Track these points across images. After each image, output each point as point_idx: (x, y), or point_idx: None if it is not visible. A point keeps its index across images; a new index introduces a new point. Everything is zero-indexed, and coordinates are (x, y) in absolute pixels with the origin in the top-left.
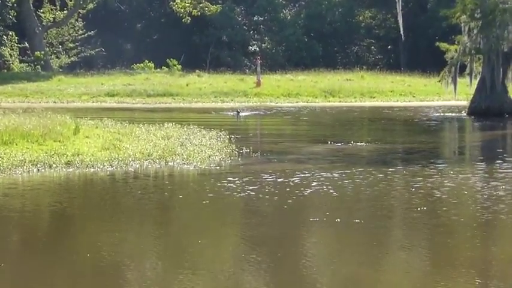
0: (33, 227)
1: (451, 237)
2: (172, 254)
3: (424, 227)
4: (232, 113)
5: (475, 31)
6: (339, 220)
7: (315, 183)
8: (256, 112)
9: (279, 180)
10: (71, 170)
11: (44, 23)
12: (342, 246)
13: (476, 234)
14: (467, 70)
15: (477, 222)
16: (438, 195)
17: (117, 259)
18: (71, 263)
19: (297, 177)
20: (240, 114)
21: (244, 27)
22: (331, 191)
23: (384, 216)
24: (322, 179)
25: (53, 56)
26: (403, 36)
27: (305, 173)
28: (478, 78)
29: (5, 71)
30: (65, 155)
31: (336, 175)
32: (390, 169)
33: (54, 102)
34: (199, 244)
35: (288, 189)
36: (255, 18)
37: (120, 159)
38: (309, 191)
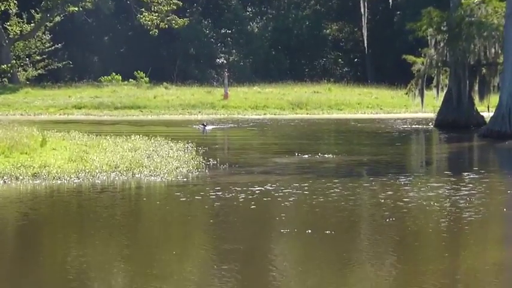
0: None
1: (419, 247)
2: (139, 266)
3: (393, 237)
4: (197, 127)
5: (442, 44)
6: (310, 231)
7: (283, 195)
8: (223, 126)
9: (247, 192)
10: (37, 181)
11: (10, 36)
12: (315, 257)
13: (442, 244)
14: (434, 83)
15: (443, 231)
16: (406, 206)
17: (85, 271)
18: (37, 276)
19: (265, 188)
20: (206, 127)
21: (212, 40)
22: (300, 202)
23: (354, 227)
24: (290, 190)
25: (20, 69)
26: (366, 49)
27: (273, 185)
28: (445, 91)
29: None
30: (32, 167)
31: (305, 187)
32: (358, 181)
33: (21, 114)
34: (167, 257)
35: (256, 201)
36: (223, 31)
37: (87, 171)
38: (278, 202)
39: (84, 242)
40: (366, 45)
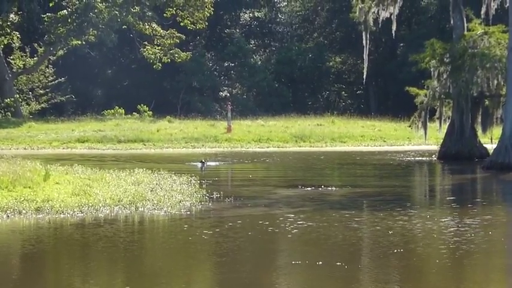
0: (2, 273)
1: (427, 277)
2: None
3: (401, 267)
4: (196, 164)
5: (445, 76)
6: (321, 263)
7: (289, 227)
8: (223, 163)
9: (252, 225)
10: (40, 216)
11: (14, 70)
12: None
13: (448, 274)
14: (437, 114)
15: (448, 262)
16: (412, 238)
17: None
18: None
19: (270, 221)
20: (205, 164)
21: (215, 72)
22: (307, 234)
23: (363, 258)
24: (296, 222)
25: (23, 103)
26: (364, 80)
27: (278, 217)
28: (448, 123)
29: None
30: (35, 201)
31: (310, 219)
32: (362, 213)
33: (25, 148)
34: None
35: (262, 233)
36: (226, 64)
37: (90, 205)
38: (284, 235)
39: (87, 277)
40: (364, 76)
